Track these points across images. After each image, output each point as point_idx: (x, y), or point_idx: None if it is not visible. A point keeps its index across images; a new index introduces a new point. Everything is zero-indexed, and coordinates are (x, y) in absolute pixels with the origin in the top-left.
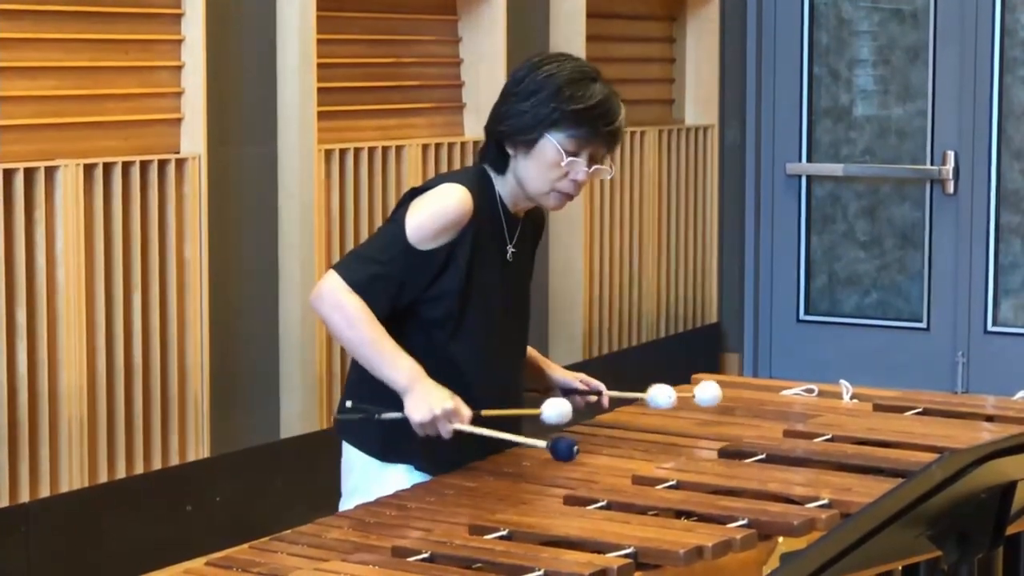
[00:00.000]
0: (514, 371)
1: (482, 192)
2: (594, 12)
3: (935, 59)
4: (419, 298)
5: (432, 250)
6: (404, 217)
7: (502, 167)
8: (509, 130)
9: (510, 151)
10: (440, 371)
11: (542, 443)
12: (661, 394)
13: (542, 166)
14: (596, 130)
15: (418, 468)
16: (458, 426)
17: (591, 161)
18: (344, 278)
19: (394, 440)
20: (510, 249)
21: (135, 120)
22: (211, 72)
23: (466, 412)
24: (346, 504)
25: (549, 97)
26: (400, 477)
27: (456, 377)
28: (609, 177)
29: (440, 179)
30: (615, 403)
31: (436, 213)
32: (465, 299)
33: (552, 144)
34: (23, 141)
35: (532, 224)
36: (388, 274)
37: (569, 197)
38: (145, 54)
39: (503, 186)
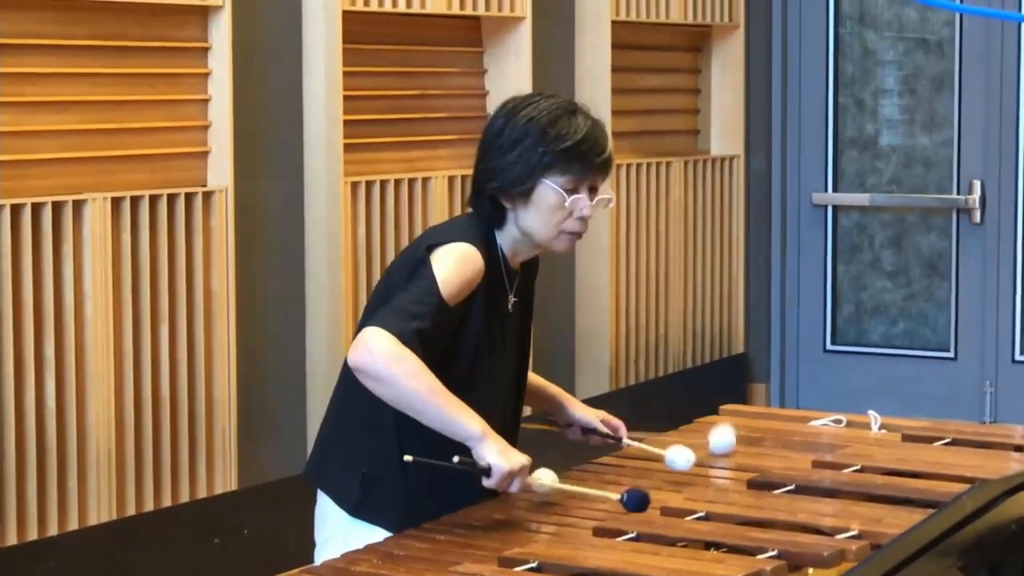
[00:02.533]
0: (516, 419)
1: (487, 247)
2: (619, 43)
3: (961, 88)
4: (435, 351)
5: (455, 307)
6: (432, 272)
7: (500, 222)
8: (502, 184)
9: (507, 205)
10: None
11: (615, 496)
12: (680, 456)
13: (545, 212)
14: (590, 163)
15: (390, 531)
16: (532, 480)
17: (591, 193)
18: (392, 333)
19: (370, 497)
20: (511, 299)
21: (162, 153)
22: (237, 105)
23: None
24: (320, 555)
25: (535, 142)
26: (372, 538)
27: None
28: (611, 205)
29: (456, 232)
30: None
31: (462, 270)
32: (477, 356)
33: (550, 188)
34: (51, 175)
35: (528, 274)
36: (427, 329)
37: (578, 236)
38: (172, 88)
39: (503, 239)
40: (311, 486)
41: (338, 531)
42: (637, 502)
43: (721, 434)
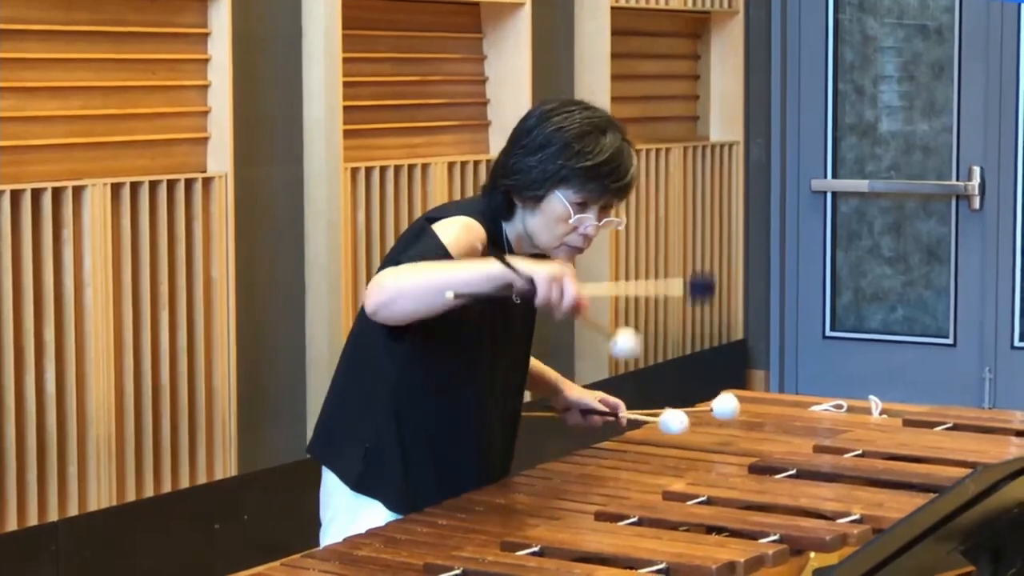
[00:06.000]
0: (519, 396)
1: (493, 231)
2: (619, 30)
3: (960, 75)
4: (435, 330)
5: None
6: (436, 234)
7: (509, 216)
8: (516, 185)
9: (518, 203)
10: (453, 405)
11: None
12: (673, 420)
13: (550, 221)
14: (606, 187)
15: (389, 507)
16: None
17: (601, 213)
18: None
19: (371, 472)
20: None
21: (162, 139)
22: (237, 91)
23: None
24: (326, 535)
25: (557, 153)
26: (373, 514)
27: (467, 409)
28: (620, 227)
29: (455, 209)
30: (631, 423)
31: (467, 235)
32: (481, 335)
33: (560, 201)
34: (51, 161)
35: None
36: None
37: (579, 251)
38: (172, 74)
39: (509, 230)
40: (316, 460)
41: (342, 508)
42: (702, 286)
43: (725, 400)
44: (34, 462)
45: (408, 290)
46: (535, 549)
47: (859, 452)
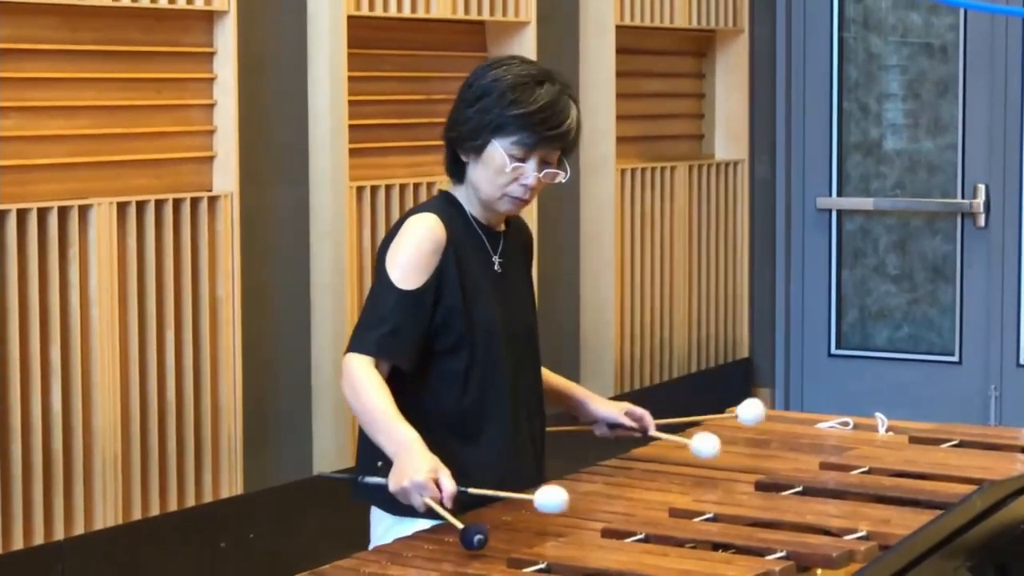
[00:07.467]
0: (533, 378)
1: (451, 213)
2: (624, 48)
3: (965, 92)
4: (430, 332)
5: (423, 285)
6: (386, 268)
7: (460, 175)
8: (458, 136)
9: (463, 158)
10: (461, 403)
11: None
12: (705, 444)
13: (491, 172)
14: (539, 135)
15: (422, 517)
16: (429, 502)
17: (541, 165)
18: (357, 351)
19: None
20: (496, 260)
21: (168, 158)
22: (243, 110)
23: (448, 487)
24: None
25: (493, 102)
26: (411, 529)
27: (479, 403)
28: (564, 180)
29: (405, 216)
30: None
31: (413, 250)
32: (469, 316)
33: (498, 150)
34: (57, 180)
35: (518, 239)
36: (394, 328)
37: (522, 202)
38: (178, 93)
39: (468, 201)
40: (354, 498)
41: (387, 530)
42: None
43: (750, 406)
44: (40, 481)
45: (348, 402)
46: (542, 566)
47: (865, 469)
